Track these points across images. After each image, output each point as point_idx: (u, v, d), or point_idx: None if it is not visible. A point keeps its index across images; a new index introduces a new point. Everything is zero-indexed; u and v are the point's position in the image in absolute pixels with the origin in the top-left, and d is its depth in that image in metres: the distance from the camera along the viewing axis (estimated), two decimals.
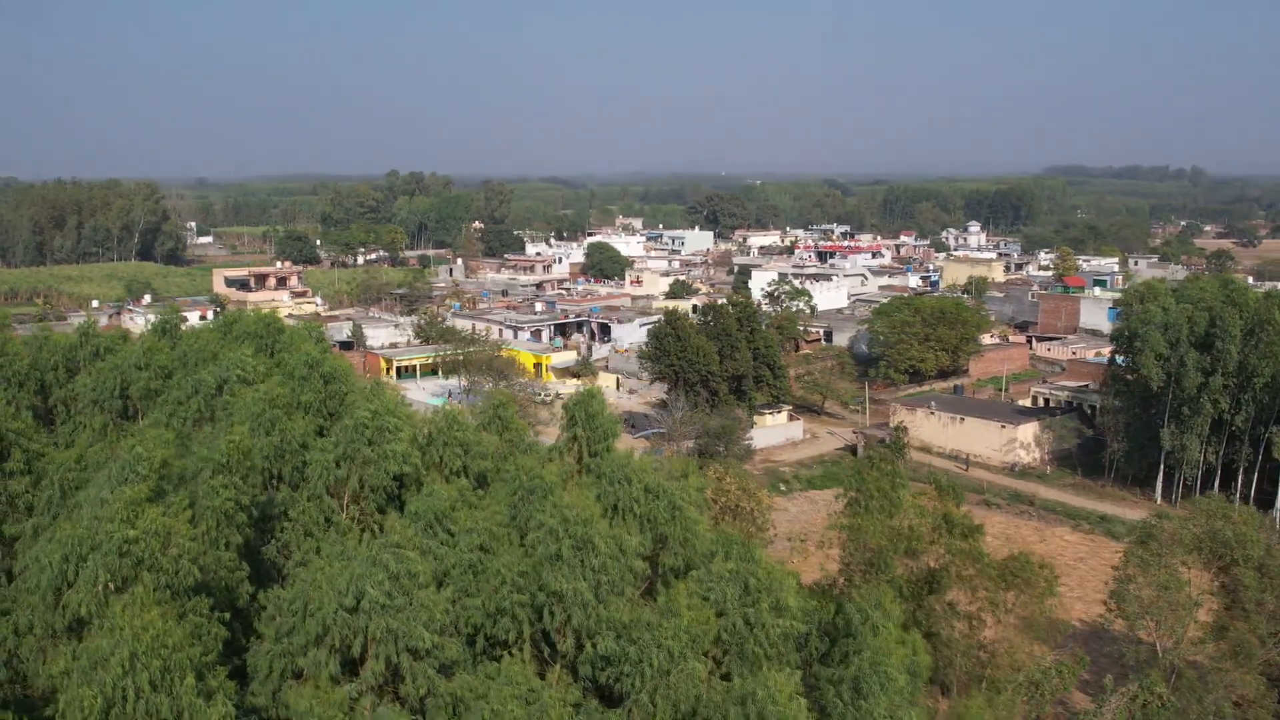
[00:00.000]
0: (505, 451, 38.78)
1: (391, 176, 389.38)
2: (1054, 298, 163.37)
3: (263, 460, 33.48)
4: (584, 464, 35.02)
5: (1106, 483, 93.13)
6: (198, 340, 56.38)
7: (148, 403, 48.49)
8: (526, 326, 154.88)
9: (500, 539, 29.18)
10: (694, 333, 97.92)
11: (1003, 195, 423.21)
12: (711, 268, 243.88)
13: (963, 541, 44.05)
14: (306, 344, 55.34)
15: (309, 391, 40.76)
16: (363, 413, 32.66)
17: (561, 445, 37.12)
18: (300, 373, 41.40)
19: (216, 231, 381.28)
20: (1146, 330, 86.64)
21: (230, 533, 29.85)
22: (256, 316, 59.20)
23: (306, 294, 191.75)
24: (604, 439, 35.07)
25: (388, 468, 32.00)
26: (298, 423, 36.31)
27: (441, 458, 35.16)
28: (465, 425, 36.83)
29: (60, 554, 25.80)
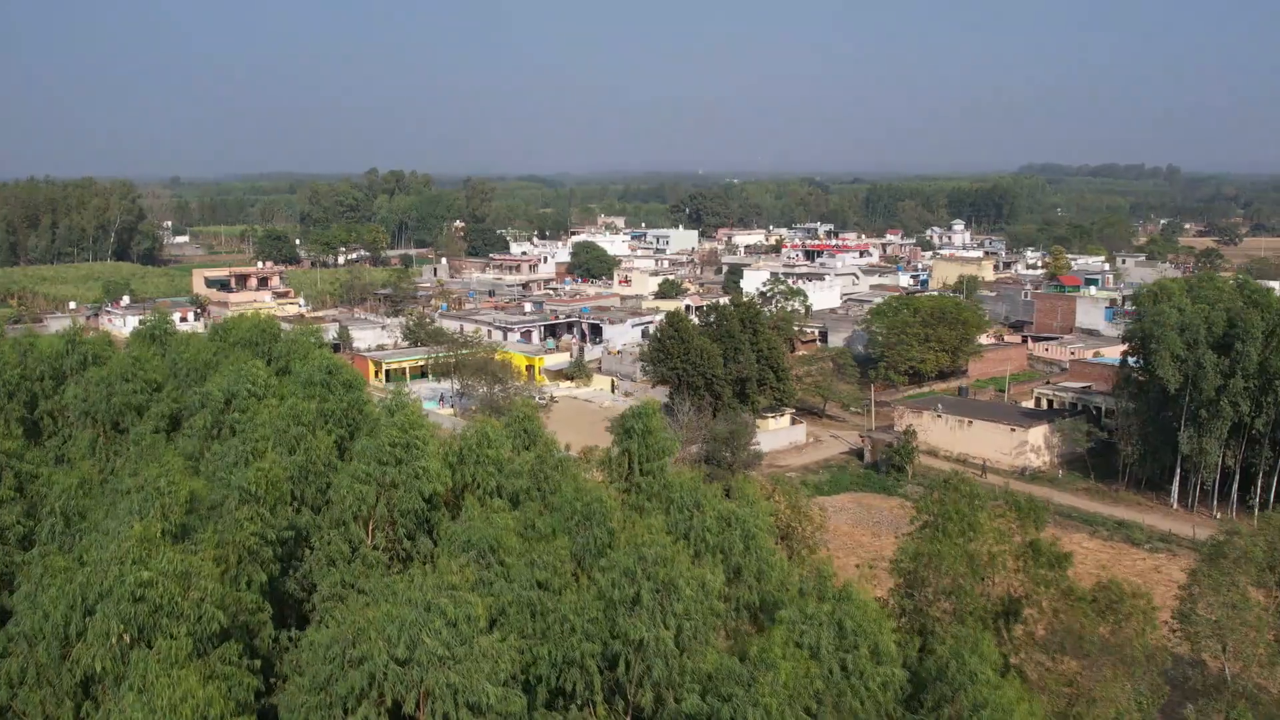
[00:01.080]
0: (539, 469, 35.98)
1: (371, 175, 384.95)
2: (1049, 297, 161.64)
3: (289, 484, 30.54)
4: (634, 482, 32.25)
5: (1120, 487, 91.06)
6: (189, 349, 53.28)
7: (135, 416, 45.44)
8: (516, 327, 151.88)
9: (561, 573, 26.34)
10: (696, 334, 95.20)
11: (985, 194, 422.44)
12: (699, 267, 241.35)
13: (1050, 570, 41.44)
14: (310, 349, 52.55)
15: (332, 400, 37.84)
16: (389, 429, 29.77)
17: (610, 460, 34.35)
18: (319, 378, 38.42)
19: (193, 231, 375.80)
20: (1162, 331, 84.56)
21: (254, 570, 26.99)
22: (251, 321, 56.14)
23: (289, 294, 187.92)
24: (658, 456, 32.31)
25: (419, 488, 29.14)
26: (322, 440, 33.42)
27: (474, 477, 32.35)
28: (497, 441, 34.01)
29: (66, 600, 22.86)
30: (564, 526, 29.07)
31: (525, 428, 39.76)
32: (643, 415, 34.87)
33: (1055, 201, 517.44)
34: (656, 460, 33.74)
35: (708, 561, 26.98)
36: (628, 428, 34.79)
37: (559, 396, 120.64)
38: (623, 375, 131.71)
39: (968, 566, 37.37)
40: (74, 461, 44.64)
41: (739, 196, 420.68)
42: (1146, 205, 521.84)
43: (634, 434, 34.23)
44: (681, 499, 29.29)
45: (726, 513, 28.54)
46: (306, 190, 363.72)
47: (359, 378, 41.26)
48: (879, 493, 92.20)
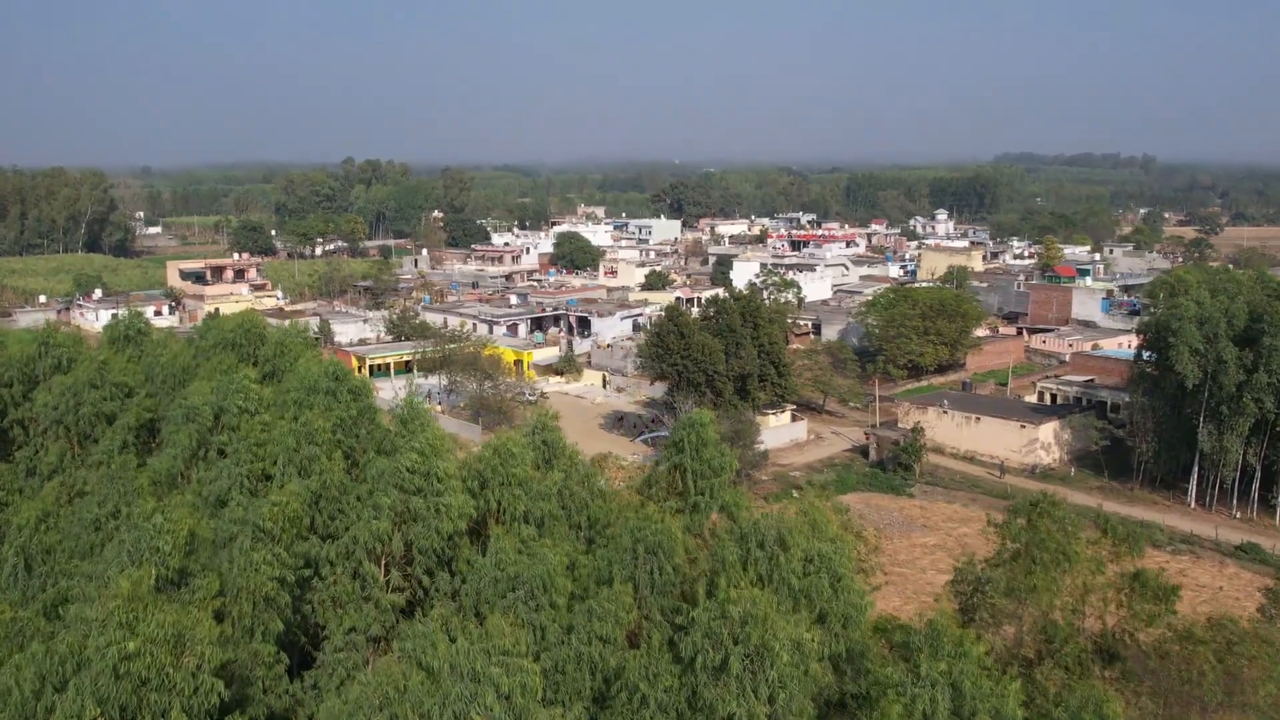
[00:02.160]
0: (566, 488, 32.36)
1: (347, 164, 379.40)
2: (1044, 288, 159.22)
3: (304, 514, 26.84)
4: (691, 502, 28.70)
5: (1135, 485, 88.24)
6: (166, 350, 49.26)
7: (106, 426, 41.54)
8: (502, 321, 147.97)
9: (624, 624, 22.75)
10: (697, 329, 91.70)
11: (966, 183, 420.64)
12: (684, 258, 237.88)
13: (1155, 605, 38.05)
14: (301, 351, 48.65)
15: (338, 409, 34.07)
16: (407, 454, 26.08)
17: (658, 477, 30.80)
18: (325, 385, 34.62)
19: (166, 221, 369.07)
20: (1181, 324, 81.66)
21: (269, 618, 23.30)
22: (235, 320, 52.12)
23: (266, 287, 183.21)
24: (714, 473, 28.78)
25: (441, 526, 25.49)
26: (336, 463, 29.69)
27: (499, 503, 28.73)
28: (520, 459, 30.35)
29: (36, 671, 19.12)
30: (619, 561, 25.47)
31: (545, 439, 36.11)
32: (696, 426, 31.29)
33: (1034, 191, 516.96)
34: (712, 478, 30.20)
35: (795, 610, 23.48)
36: (679, 440, 31.24)
37: (549, 392, 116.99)
38: (614, 370, 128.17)
39: (1064, 601, 33.96)
40: (42, 477, 40.76)
41: (719, 186, 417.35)
42: (1125, 195, 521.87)
43: (686, 447, 30.67)
44: (761, 534, 25.73)
45: (812, 551, 25.06)
46: (282, 180, 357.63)
47: (366, 385, 37.50)
48: (887, 492, 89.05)
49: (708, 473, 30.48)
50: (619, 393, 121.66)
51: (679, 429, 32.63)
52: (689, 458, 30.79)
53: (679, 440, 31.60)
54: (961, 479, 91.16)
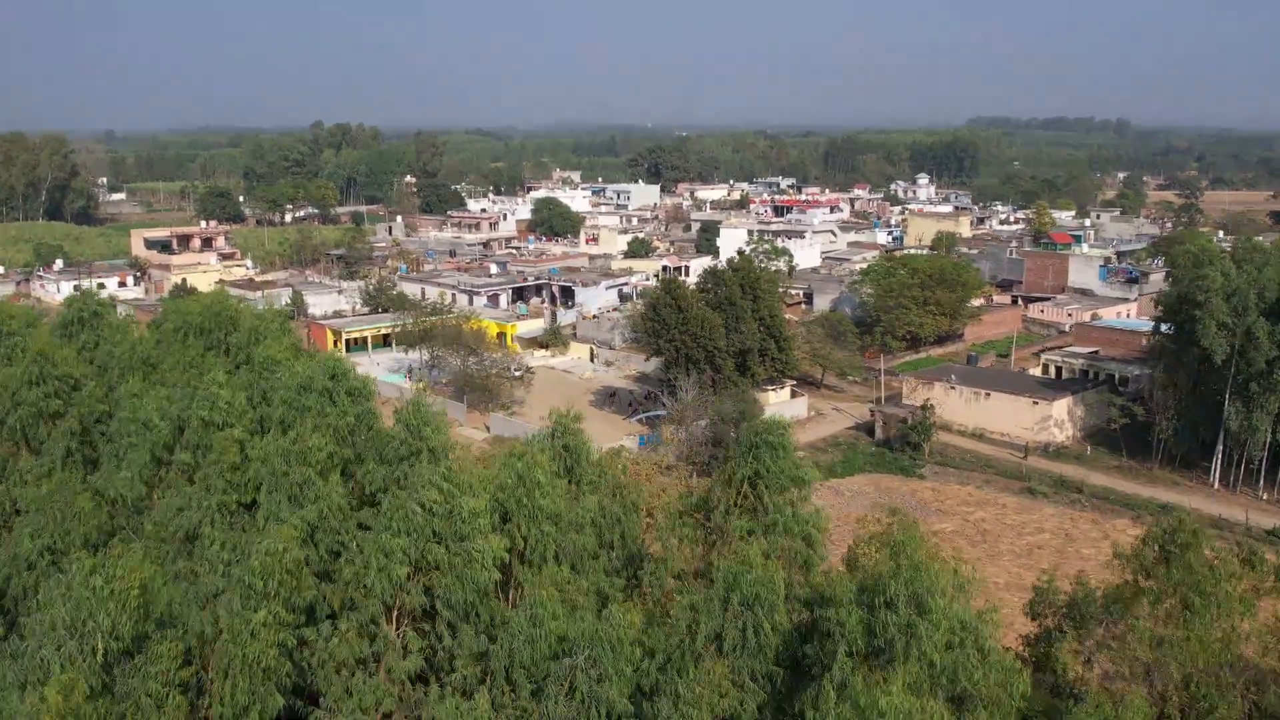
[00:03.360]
0: (604, 516, 27.48)
1: (316, 128, 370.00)
2: (1040, 255, 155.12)
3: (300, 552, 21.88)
4: (766, 522, 23.99)
5: (1154, 464, 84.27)
6: (126, 338, 43.86)
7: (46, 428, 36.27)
8: (482, 291, 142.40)
9: (718, 710, 18.02)
10: (696, 303, 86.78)
11: (946, 147, 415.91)
12: (665, 224, 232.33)
13: None
14: (279, 338, 43.41)
15: (333, 414, 29.00)
16: (428, 491, 21.18)
17: (718, 487, 26.12)
18: (320, 384, 29.51)
19: (130, 187, 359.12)
20: (1207, 297, 77.49)
21: (267, 693, 18.43)
22: (203, 302, 46.76)
23: (235, 256, 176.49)
24: (794, 485, 24.09)
25: (472, 577, 20.66)
26: (335, 486, 24.69)
27: (526, 538, 23.90)
28: (549, 488, 25.45)
29: None
30: (707, 612, 20.71)
31: (568, 443, 31.18)
32: (768, 432, 26.55)
33: (1012, 155, 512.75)
34: (792, 491, 25.55)
35: (932, 690, 18.92)
36: (754, 443, 26.45)
37: (535, 367, 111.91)
38: (600, 342, 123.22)
39: (1212, 651, 29.40)
40: None
41: (696, 150, 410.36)
42: (1102, 159, 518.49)
43: (763, 449, 25.84)
44: (889, 592, 21.00)
45: (955, 618, 20.48)
46: (250, 144, 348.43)
47: (367, 385, 32.41)
48: (895, 473, 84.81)
49: (782, 484, 25.82)
50: (608, 367, 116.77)
51: (755, 433, 27.91)
52: (765, 464, 26.07)
53: (755, 443, 26.89)
54: (973, 458, 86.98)
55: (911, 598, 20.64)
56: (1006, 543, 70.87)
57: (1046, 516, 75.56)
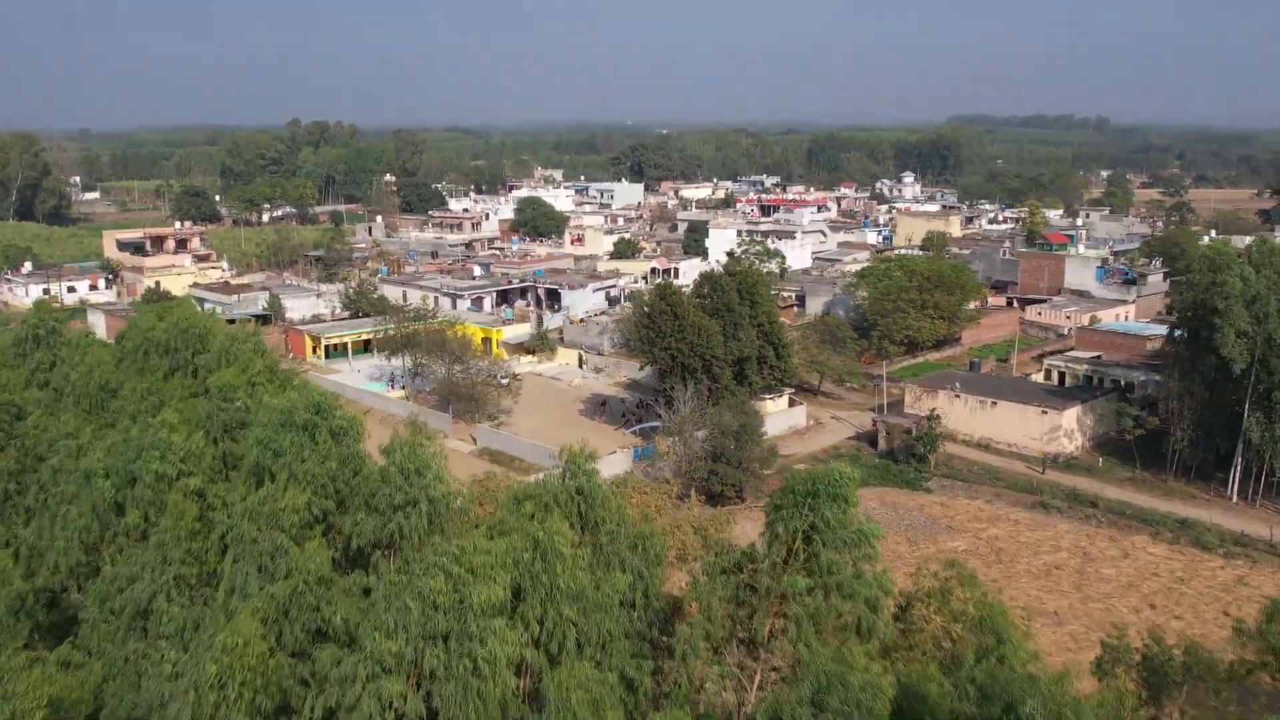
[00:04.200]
0: (635, 598, 23.76)
1: (293, 125, 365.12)
2: (1035, 256, 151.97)
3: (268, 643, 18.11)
4: (830, 584, 20.36)
5: (1168, 476, 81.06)
6: (82, 362, 39.81)
7: None
8: (466, 294, 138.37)
9: None
10: (693, 309, 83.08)
11: (930, 145, 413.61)
12: (650, 223, 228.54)
13: None
14: (252, 359, 39.45)
15: (310, 461, 25.16)
16: (431, 578, 17.42)
17: (766, 541, 22.60)
18: (301, 418, 25.70)
19: (104, 186, 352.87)
20: (1227, 304, 74.32)
21: None
22: (172, 320, 42.71)
23: (211, 258, 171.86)
24: (857, 542, 20.52)
25: (485, 691, 16.96)
26: (314, 555, 20.90)
27: (543, 622, 20.20)
28: (570, 562, 21.74)
29: None
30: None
31: (580, 487, 27.42)
32: (839, 480, 22.98)
33: (995, 153, 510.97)
34: (848, 549, 21.96)
35: None
36: (812, 492, 22.87)
37: (521, 374, 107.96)
38: (589, 347, 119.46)
39: None
40: None
41: (678, 148, 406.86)
42: (1084, 156, 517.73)
43: (822, 500, 22.24)
44: (987, 689, 17.42)
45: None
46: (226, 142, 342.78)
47: (355, 425, 28.55)
48: (902, 487, 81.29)
49: (848, 541, 22.29)
50: (597, 373, 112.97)
51: (810, 479, 24.35)
52: (823, 519, 22.51)
53: (809, 493, 23.35)
54: (981, 471, 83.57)
55: (1007, 704, 17.09)
56: (1023, 562, 67.51)
57: (1062, 533, 72.24)
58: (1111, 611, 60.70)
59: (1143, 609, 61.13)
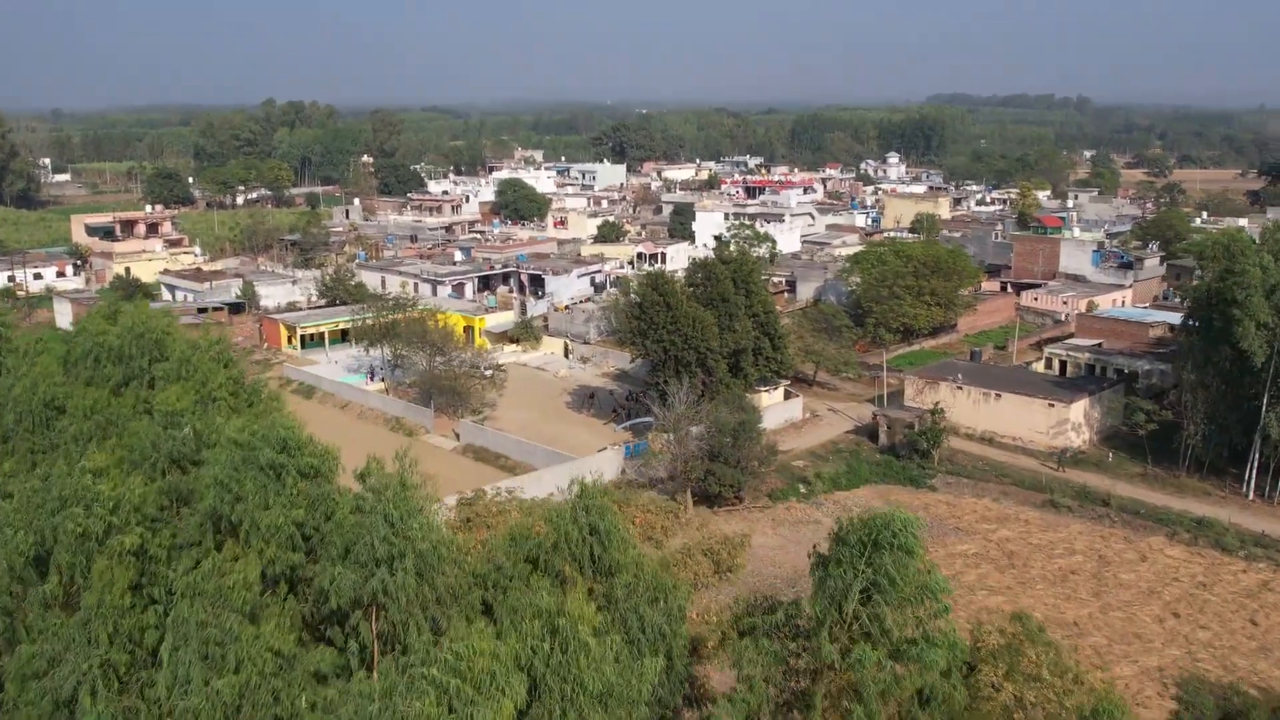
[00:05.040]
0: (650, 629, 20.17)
1: (268, 106, 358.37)
2: (1029, 239, 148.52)
3: None
4: (892, 648, 16.84)
5: (1181, 472, 77.97)
6: (30, 371, 35.80)
7: None
8: (447, 280, 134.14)
9: None
10: (686, 300, 79.34)
11: (914, 125, 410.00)
12: (634, 205, 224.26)
13: None
14: (213, 372, 35.51)
15: (276, 510, 21.37)
16: (418, 699, 13.77)
17: (816, 601, 19.08)
18: (265, 459, 21.93)
19: (75, 168, 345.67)
20: (1247, 294, 71.12)
21: None
22: (126, 323, 38.68)
23: (183, 243, 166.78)
24: (924, 598, 17.04)
25: None
26: (270, 640, 17.17)
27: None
28: (596, 654, 18.11)
29: None
30: None
31: (594, 524, 23.72)
32: (903, 528, 19.44)
33: (977, 133, 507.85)
34: (914, 606, 18.43)
35: None
36: (871, 542, 19.31)
37: (505, 364, 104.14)
38: (575, 335, 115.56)
39: None
40: None
41: (660, 128, 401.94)
42: (1066, 136, 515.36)
43: (884, 552, 18.69)
44: None
45: None
46: (200, 123, 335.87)
47: (328, 460, 24.71)
48: (904, 484, 78.04)
49: (914, 598, 18.79)
50: (584, 364, 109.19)
51: (867, 527, 20.82)
52: (885, 574, 18.99)
53: (865, 542, 19.81)
54: (986, 467, 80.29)
55: None
56: (1037, 566, 64.28)
57: (1075, 534, 69.07)
58: (1134, 621, 57.62)
59: (1166, 618, 58.01)
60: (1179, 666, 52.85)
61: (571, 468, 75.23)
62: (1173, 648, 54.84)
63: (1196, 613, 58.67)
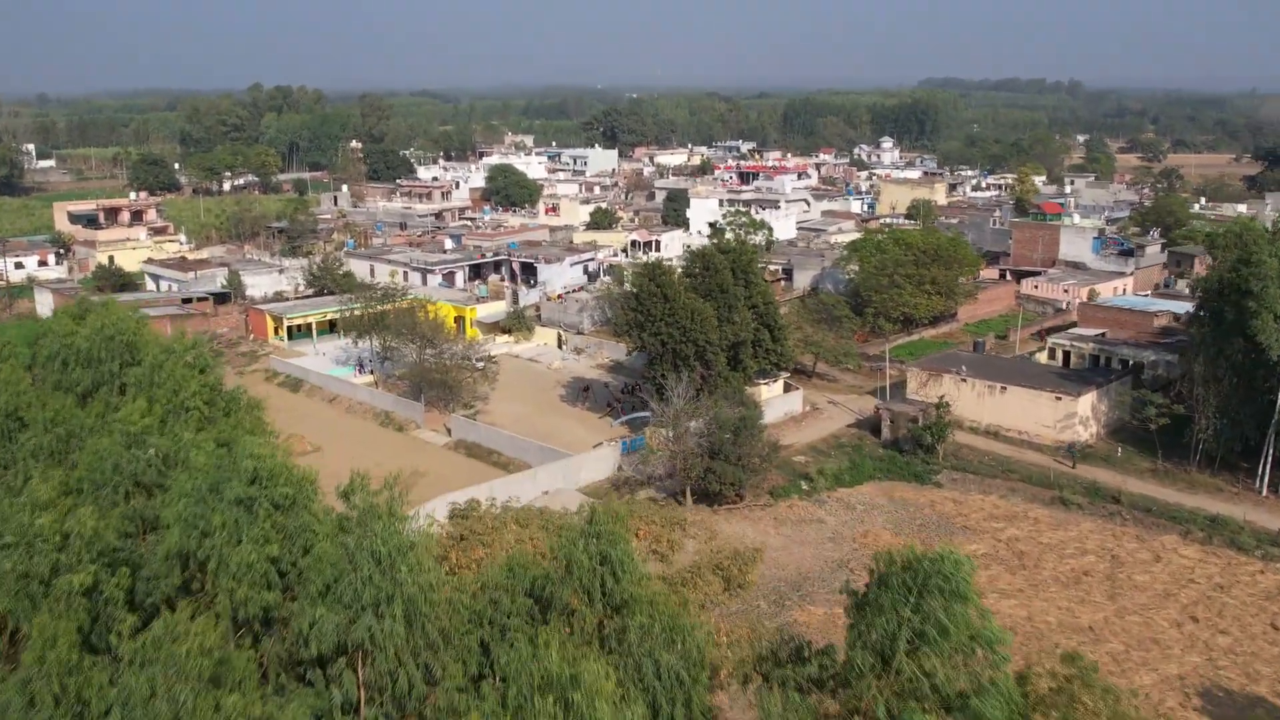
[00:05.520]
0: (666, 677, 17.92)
1: (255, 90, 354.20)
2: (1029, 226, 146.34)
3: None
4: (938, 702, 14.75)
5: (1191, 467, 75.92)
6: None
7: None
8: (437, 269, 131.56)
9: None
10: (684, 291, 76.97)
11: (907, 109, 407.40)
12: (626, 191, 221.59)
13: None
14: (187, 380, 33.10)
15: (252, 541, 19.05)
16: None
17: (852, 649, 16.96)
18: (234, 493, 19.59)
19: (60, 154, 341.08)
20: (1263, 286, 69.05)
21: None
22: (95, 324, 36.18)
23: (168, 230, 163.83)
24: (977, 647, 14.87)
25: None
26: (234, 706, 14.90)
27: None
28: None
29: None
30: None
31: (605, 552, 21.44)
32: (953, 570, 17.13)
33: (970, 117, 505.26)
34: (967, 657, 16.17)
35: None
36: (918, 587, 17.20)
37: (497, 355, 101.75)
38: (568, 325, 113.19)
39: None
40: None
41: (651, 112, 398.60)
42: (1059, 120, 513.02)
43: (933, 596, 16.49)
44: None
45: None
46: (186, 108, 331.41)
47: (305, 487, 22.36)
48: (909, 481, 75.77)
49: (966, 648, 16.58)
50: (578, 355, 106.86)
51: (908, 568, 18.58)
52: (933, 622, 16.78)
53: (910, 586, 17.57)
54: (992, 462, 78.11)
55: None
56: (1049, 568, 62.20)
57: (1086, 533, 67.01)
58: (1151, 626, 55.58)
59: (1184, 622, 55.99)
60: (1200, 675, 50.85)
61: (566, 465, 73.14)
62: (1193, 654, 52.82)
63: (1215, 616, 56.66)
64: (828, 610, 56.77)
